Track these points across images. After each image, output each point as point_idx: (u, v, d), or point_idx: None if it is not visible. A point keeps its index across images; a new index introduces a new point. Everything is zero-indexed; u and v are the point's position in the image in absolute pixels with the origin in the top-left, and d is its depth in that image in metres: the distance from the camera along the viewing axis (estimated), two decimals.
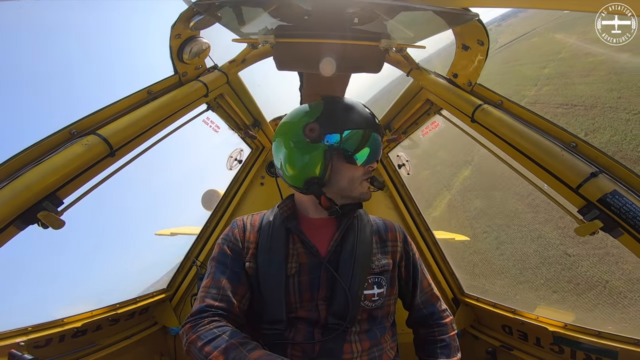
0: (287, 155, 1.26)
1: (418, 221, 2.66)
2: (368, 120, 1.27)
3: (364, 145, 1.24)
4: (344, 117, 1.26)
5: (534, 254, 8.38)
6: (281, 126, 1.31)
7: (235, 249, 1.26)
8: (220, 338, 1.02)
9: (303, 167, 1.23)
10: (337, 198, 1.28)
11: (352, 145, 1.22)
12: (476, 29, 1.37)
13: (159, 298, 2.38)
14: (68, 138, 1.26)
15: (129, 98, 1.43)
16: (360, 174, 1.26)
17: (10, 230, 1.08)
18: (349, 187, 1.26)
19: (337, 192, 1.26)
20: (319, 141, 1.21)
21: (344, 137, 1.22)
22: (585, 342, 1.62)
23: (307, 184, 1.24)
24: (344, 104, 1.31)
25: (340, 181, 1.25)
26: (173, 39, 1.43)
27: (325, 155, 1.21)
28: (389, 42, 1.39)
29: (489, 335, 2.19)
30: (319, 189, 1.24)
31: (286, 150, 1.26)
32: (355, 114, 1.27)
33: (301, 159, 1.23)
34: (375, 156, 1.27)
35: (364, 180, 1.28)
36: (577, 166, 1.24)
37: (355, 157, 1.23)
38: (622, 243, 1.21)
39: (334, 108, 1.28)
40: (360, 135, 1.23)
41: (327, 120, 1.24)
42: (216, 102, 1.98)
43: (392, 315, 1.34)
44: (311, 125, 1.22)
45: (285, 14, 1.28)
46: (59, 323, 1.74)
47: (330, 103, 1.30)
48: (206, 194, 3.22)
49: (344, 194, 1.27)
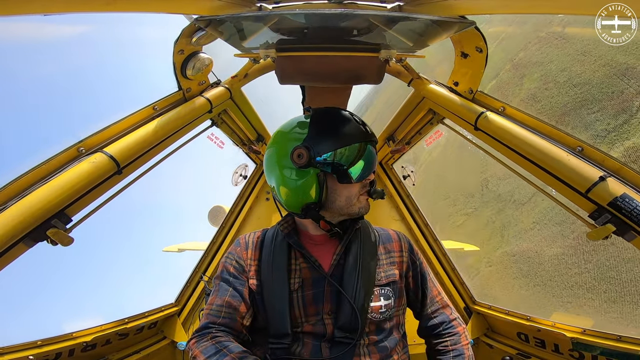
0: (280, 182, 1.23)
1: (426, 232, 2.64)
2: (358, 133, 1.22)
3: (358, 160, 1.20)
4: (332, 134, 1.20)
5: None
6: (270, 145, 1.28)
7: (237, 267, 1.28)
8: (221, 353, 1.06)
9: (298, 193, 1.21)
10: (335, 217, 1.26)
11: (345, 162, 1.19)
12: (474, 37, 1.38)
13: (168, 313, 2.38)
14: (76, 156, 1.29)
15: (134, 115, 1.45)
16: (357, 190, 1.23)
17: (19, 247, 1.10)
18: (347, 205, 1.23)
19: (336, 211, 1.24)
20: (309, 166, 1.17)
21: (336, 156, 1.18)
22: (606, 347, 1.57)
23: (304, 210, 1.22)
24: (330, 119, 1.26)
25: (337, 200, 1.22)
26: (176, 55, 1.46)
27: (319, 178, 1.18)
28: (389, 52, 1.40)
29: (504, 344, 2.15)
30: (317, 214, 1.21)
31: (278, 176, 1.23)
32: (344, 128, 1.22)
33: (294, 185, 1.20)
34: (371, 168, 1.24)
35: (362, 195, 1.25)
36: (584, 170, 1.22)
37: (350, 174, 1.20)
38: (635, 246, 1.19)
39: (321, 126, 1.23)
40: (351, 151, 1.20)
41: (315, 141, 1.19)
42: (220, 118, 2.00)
43: (402, 326, 1.32)
44: (298, 150, 1.17)
45: (286, 28, 1.31)
46: (69, 337, 1.75)
47: (316, 120, 1.25)
48: (212, 210, 3.25)
49: (342, 212, 1.24)
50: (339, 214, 1.25)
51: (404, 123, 2.18)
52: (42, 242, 1.16)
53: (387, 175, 2.80)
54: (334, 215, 1.25)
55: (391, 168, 2.81)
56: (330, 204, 1.22)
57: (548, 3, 1.06)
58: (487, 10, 1.12)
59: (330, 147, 1.17)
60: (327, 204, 1.22)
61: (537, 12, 1.32)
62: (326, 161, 1.18)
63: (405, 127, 2.20)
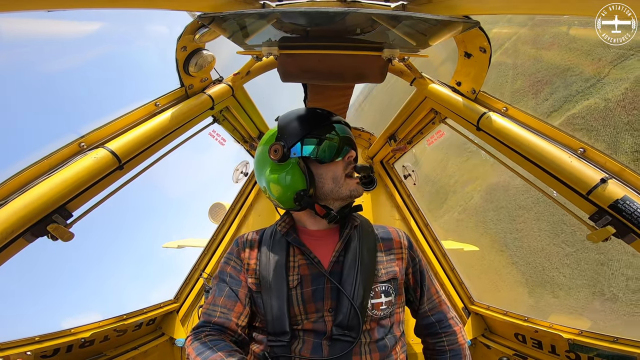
0: (269, 181, 1.30)
1: (425, 232, 2.64)
2: (321, 116, 1.32)
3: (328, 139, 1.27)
4: (298, 123, 1.29)
5: None
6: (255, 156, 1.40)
7: (235, 267, 1.30)
8: (210, 350, 1.08)
9: (286, 185, 1.27)
10: (330, 203, 1.30)
11: (317, 144, 1.25)
12: (478, 37, 1.38)
13: (167, 309, 2.39)
14: (77, 151, 1.29)
15: (136, 111, 1.45)
16: (341, 170, 1.28)
17: (20, 242, 1.10)
18: (336, 188, 1.27)
19: (327, 196, 1.28)
20: (287, 157, 1.25)
21: (307, 141, 1.26)
22: (602, 349, 1.57)
23: (297, 199, 1.26)
24: (294, 114, 1.34)
25: (325, 185, 1.27)
26: (179, 52, 1.46)
27: (300, 166, 1.25)
28: (392, 51, 1.40)
29: (502, 344, 2.15)
30: (310, 200, 1.26)
31: (266, 176, 1.30)
32: (308, 117, 1.32)
33: (281, 179, 1.27)
34: (346, 143, 1.29)
35: (349, 177, 1.29)
36: (586, 172, 1.22)
37: (326, 154, 1.25)
38: (634, 249, 1.19)
39: (287, 121, 1.32)
40: (320, 132, 1.27)
41: (285, 134, 1.28)
42: (222, 115, 2.00)
43: (401, 324, 1.32)
44: (273, 147, 1.27)
45: (289, 25, 1.30)
46: (67, 333, 1.75)
47: (283, 118, 1.35)
48: (213, 207, 3.25)
49: (334, 196, 1.28)
50: (332, 199, 1.29)
51: (406, 122, 2.18)
52: (42, 237, 1.16)
53: (387, 174, 2.81)
54: (328, 201, 1.29)
55: (392, 167, 2.81)
56: (319, 190, 1.27)
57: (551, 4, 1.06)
58: (491, 10, 1.12)
59: (299, 134, 1.26)
60: (317, 192, 1.27)
61: (540, 13, 1.32)
62: (300, 148, 1.25)
63: (407, 126, 2.20)
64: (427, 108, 1.91)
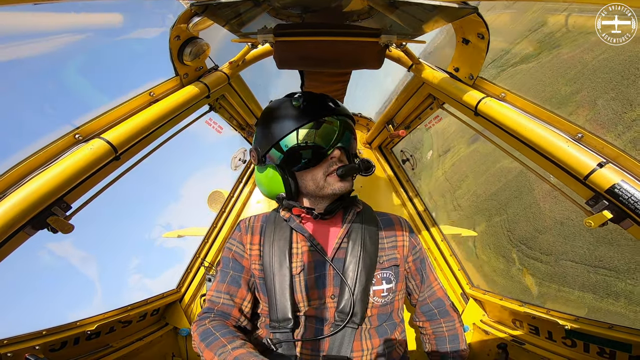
0: (256, 177, 1.34)
1: (424, 216, 2.65)
2: (294, 116, 1.24)
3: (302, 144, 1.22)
4: (268, 131, 1.25)
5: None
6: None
7: (238, 252, 1.30)
8: (213, 336, 1.09)
9: (268, 185, 1.29)
10: (318, 201, 1.28)
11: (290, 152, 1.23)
12: (476, 23, 1.36)
13: (170, 299, 2.41)
14: (73, 143, 1.28)
15: (131, 101, 1.44)
16: (321, 172, 1.25)
17: (20, 236, 1.10)
18: (317, 188, 1.25)
19: (312, 195, 1.27)
20: (264, 162, 1.27)
21: (276, 150, 1.24)
22: (597, 335, 1.60)
23: (278, 201, 1.30)
24: (266, 116, 1.31)
25: (307, 186, 1.25)
26: (172, 41, 1.44)
27: (278, 170, 1.23)
28: (389, 37, 1.38)
29: (500, 330, 2.18)
30: (289, 204, 1.26)
31: (255, 172, 1.35)
32: (281, 116, 1.25)
33: (264, 178, 1.29)
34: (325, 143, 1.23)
35: (330, 175, 1.25)
36: (583, 157, 1.22)
37: (301, 163, 1.23)
38: (631, 234, 1.20)
39: (260, 124, 1.30)
40: (291, 140, 1.23)
41: (258, 141, 1.28)
42: (218, 103, 1.98)
43: (401, 310, 1.34)
44: (251, 152, 1.29)
45: (284, 12, 1.28)
46: (73, 326, 1.77)
47: (259, 119, 1.33)
48: (211, 195, 3.25)
49: (317, 194, 1.26)
50: (316, 198, 1.28)
51: (403, 107, 2.17)
52: (43, 230, 1.16)
53: (386, 159, 2.80)
54: (315, 200, 1.29)
55: (390, 152, 2.80)
56: (303, 189, 1.27)
57: None
58: None
59: (268, 144, 1.24)
60: (301, 191, 1.27)
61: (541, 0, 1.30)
62: (276, 155, 1.25)
63: (405, 112, 2.19)
64: (425, 94, 1.90)
